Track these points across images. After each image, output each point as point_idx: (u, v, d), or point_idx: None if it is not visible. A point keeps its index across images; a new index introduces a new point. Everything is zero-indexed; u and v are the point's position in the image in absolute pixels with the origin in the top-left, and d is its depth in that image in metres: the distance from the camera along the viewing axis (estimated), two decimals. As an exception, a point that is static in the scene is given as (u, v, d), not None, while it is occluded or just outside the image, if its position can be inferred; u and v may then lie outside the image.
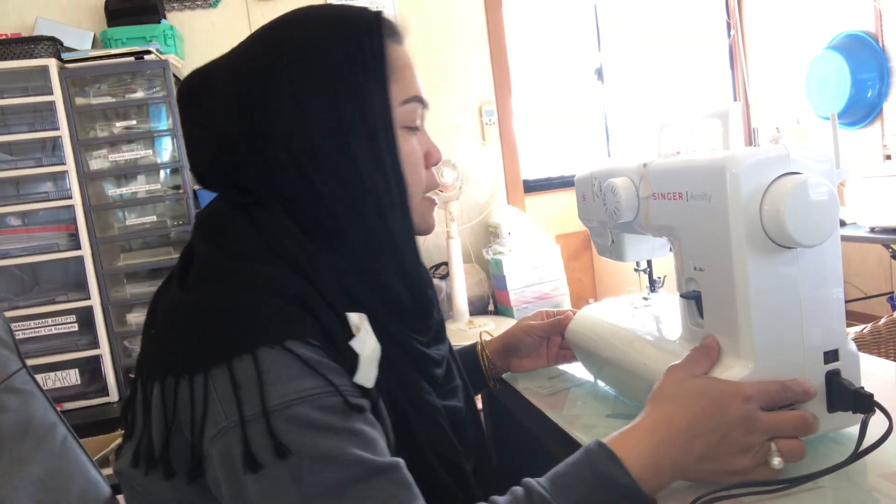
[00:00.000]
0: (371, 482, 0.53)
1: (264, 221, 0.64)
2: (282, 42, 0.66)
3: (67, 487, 0.80)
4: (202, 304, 0.59)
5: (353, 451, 0.53)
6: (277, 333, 0.55)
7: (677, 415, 0.60)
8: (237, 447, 0.52)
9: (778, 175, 0.62)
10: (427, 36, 3.02)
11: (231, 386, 0.53)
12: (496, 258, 2.73)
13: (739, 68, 3.59)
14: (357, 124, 0.64)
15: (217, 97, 0.67)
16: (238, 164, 0.66)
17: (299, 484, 0.51)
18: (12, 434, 0.76)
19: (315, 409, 0.54)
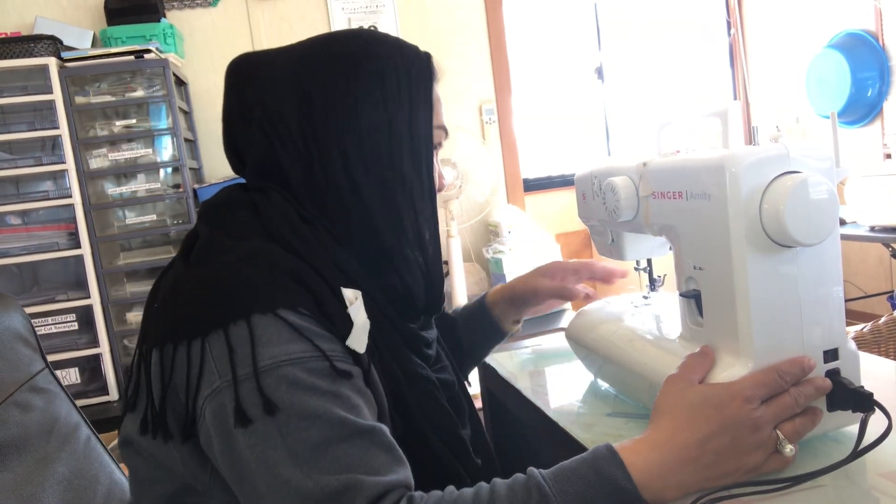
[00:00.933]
0: (353, 441, 0.56)
1: (263, 207, 0.69)
2: (348, 45, 0.73)
3: (93, 488, 0.81)
4: (201, 276, 0.63)
5: (337, 411, 0.56)
6: (270, 302, 0.59)
7: (683, 427, 0.60)
8: (229, 404, 0.56)
9: (778, 174, 0.62)
10: (427, 36, 3.02)
11: (226, 349, 0.57)
12: (496, 257, 2.73)
13: (739, 67, 3.59)
14: (406, 131, 0.72)
15: (274, 77, 0.72)
16: (284, 142, 0.71)
17: (285, 438, 0.55)
18: (37, 433, 0.77)
19: (303, 370, 0.57)
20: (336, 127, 0.70)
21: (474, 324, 1.01)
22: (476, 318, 1.01)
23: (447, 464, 0.70)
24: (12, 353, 0.79)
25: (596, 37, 3.51)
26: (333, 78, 0.71)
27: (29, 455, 0.74)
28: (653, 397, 0.77)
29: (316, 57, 0.72)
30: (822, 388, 0.63)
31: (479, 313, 1.01)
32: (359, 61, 0.71)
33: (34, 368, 0.82)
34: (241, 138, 0.74)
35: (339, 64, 0.71)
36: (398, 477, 0.56)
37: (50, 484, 0.74)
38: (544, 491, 0.55)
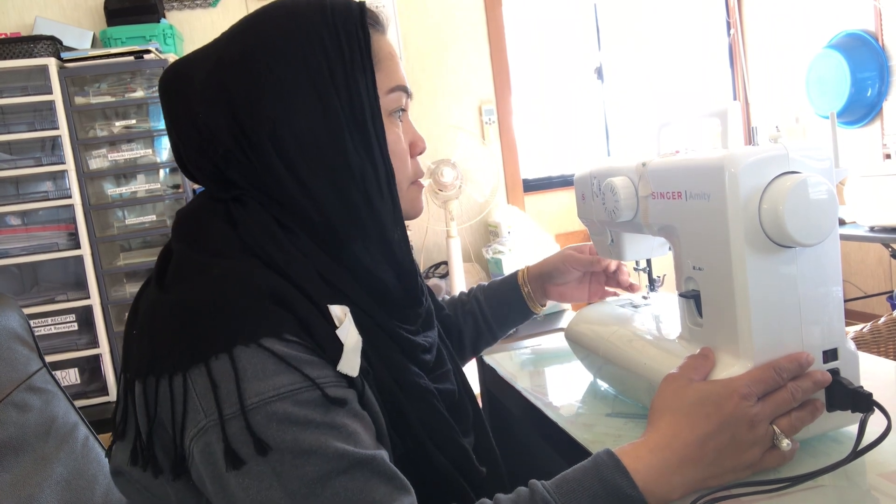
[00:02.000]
0: (353, 474, 0.53)
1: (240, 218, 0.64)
2: (264, 31, 0.66)
3: (91, 488, 0.81)
4: (177, 303, 0.59)
5: (334, 443, 0.54)
6: (252, 331, 0.55)
7: (683, 426, 0.60)
8: (217, 445, 0.53)
9: (777, 174, 0.62)
10: (427, 35, 3.02)
11: (210, 385, 0.54)
12: (496, 257, 2.73)
13: (739, 67, 3.59)
14: (344, 113, 0.64)
15: (200, 88, 0.66)
16: (223, 156, 0.66)
17: (281, 478, 0.52)
18: (35, 433, 0.77)
19: (294, 404, 0.54)
20: (268, 128, 0.64)
21: (504, 297, 1.00)
22: (506, 291, 0.99)
23: (450, 479, 0.68)
24: (9, 352, 0.79)
25: (596, 37, 3.51)
26: (252, 75, 0.64)
27: (27, 455, 0.74)
28: (652, 397, 0.77)
29: (233, 55, 0.66)
30: (821, 382, 0.62)
31: (510, 287, 1.00)
32: (275, 46, 0.64)
33: (31, 368, 0.82)
34: (186, 160, 0.69)
35: (255, 57, 0.64)
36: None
37: (48, 484, 0.74)
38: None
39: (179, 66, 0.69)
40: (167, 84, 0.69)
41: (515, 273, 1.02)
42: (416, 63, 3.01)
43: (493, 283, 1.02)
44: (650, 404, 0.65)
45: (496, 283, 1.01)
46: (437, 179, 2.57)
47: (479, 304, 1.01)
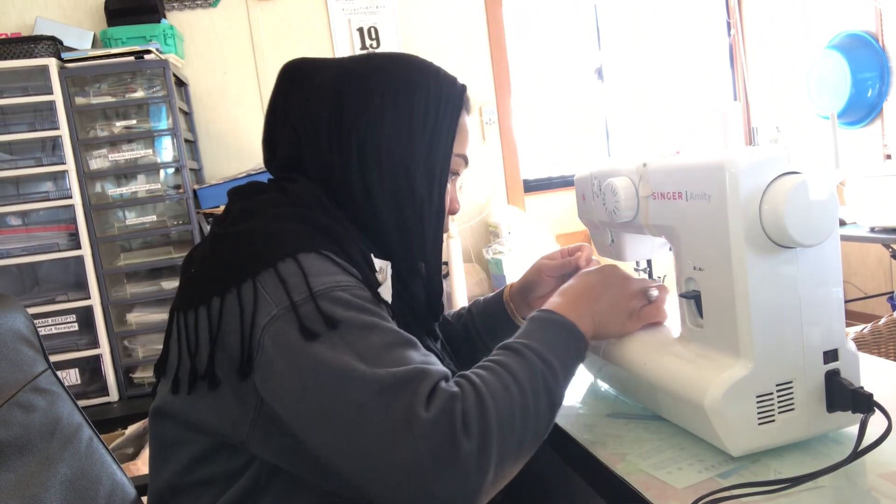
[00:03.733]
0: (406, 346, 0.63)
1: (293, 189, 0.75)
2: (387, 67, 0.80)
3: (95, 489, 0.81)
4: (239, 232, 0.69)
5: (388, 324, 0.64)
6: (313, 243, 0.66)
7: (584, 290, 0.79)
8: (291, 326, 0.61)
9: (777, 175, 0.63)
10: (427, 36, 3.02)
11: (279, 281, 0.63)
12: (496, 258, 2.73)
13: (739, 67, 3.59)
14: (422, 152, 0.78)
15: (318, 84, 0.79)
16: (311, 143, 0.77)
17: (351, 345, 0.60)
18: (40, 434, 0.77)
19: (352, 295, 0.64)
20: (359, 135, 0.76)
21: (493, 313, 1.06)
22: (495, 308, 1.06)
23: None
24: (15, 353, 0.79)
25: (596, 37, 3.51)
26: (367, 90, 0.77)
27: (31, 456, 0.74)
28: (653, 398, 0.77)
29: (358, 70, 0.79)
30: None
31: (497, 304, 1.05)
32: (393, 79, 0.78)
33: (37, 369, 0.82)
34: (277, 133, 0.81)
35: (375, 79, 0.78)
36: (448, 369, 0.63)
37: (52, 484, 0.75)
38: (531, 348, 0.68)
39: (304, 64, 0.82)
40: (293, 69, 0.82)
41: (503, 289, 1.07)
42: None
43: (485, 299, 1.09)
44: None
45: (487, 300, 1.08)
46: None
47: (472, 319, 1.06)
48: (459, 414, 0.57)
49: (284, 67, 0.83)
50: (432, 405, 0.57)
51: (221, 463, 0.69)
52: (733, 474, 0.64)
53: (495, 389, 0.61)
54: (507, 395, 0.61)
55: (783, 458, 0.66)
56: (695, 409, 0.67)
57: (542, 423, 0.64)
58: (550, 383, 0.66)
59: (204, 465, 0.70)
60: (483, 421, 0.58)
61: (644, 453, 0.71)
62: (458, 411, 0.57)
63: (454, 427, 0.56)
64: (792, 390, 0.65)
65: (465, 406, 0.58)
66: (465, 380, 0.62)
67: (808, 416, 0.66)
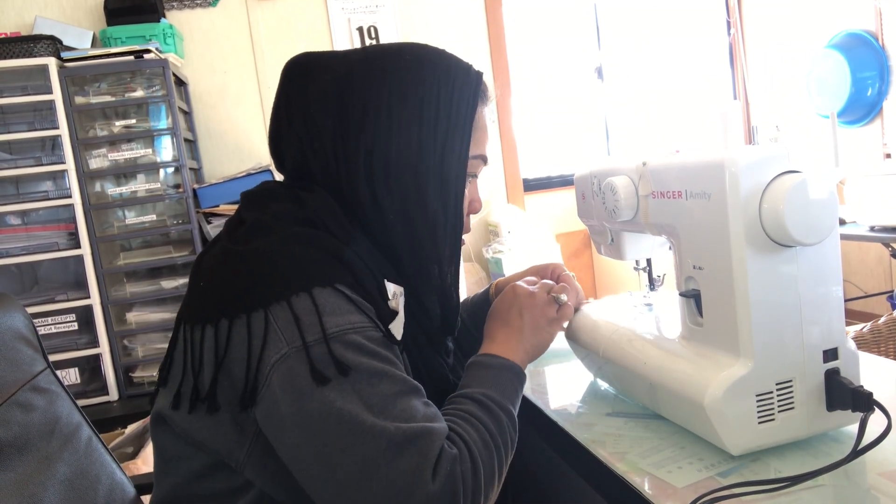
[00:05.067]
0: (413, 396, 0.62)
1: (307, 199, 0.72)
2: (395, 65, 0.73)
3: (94, 488, 0.81)
4: (253, 252, 0.66)
5: (398, 371, 0.63)
6: (328, 277, 0.64)
7: (506, 316, 0.81)
8: (301, 367, 0.59)
9: (777, 173, 0.62)
10: (427, 36, 3.02)
11: (292, 318, 0.61)
12: (496, 257, 2.73)
13: (739, 67, 3.59)
14: (435, 163, 0.73)
15: (322, 88, 0.73)
16: (316, 153, 0.73)
17: (360, 393, 0.59)
18: (39, 433, 0.77)
19: (364, 338, 0.62)
20: (366, 146, 0.71)
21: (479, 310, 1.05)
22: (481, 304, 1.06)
23: None
24: (14, 352, 0.79)
25: (596, 37, 3.51)
26: (371, 94, 0.72)
27: (30, 455, 0.74)
28: (652, 397, 0.77)
29: (361, 70, 0.73)
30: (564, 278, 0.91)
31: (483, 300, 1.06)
32: (401, 81, 0.72)
33: (36, 368, 0.82)
34: (282, 139, 0.76)
35: (381, 83, 0.72)
36: (445, 425, 0.63)
37: (51, 484, 0.75)
38: (491, 398, 0.69)
39: (307, 61, 0.77)
40: (291, 72, 0.77)
41: (488, 287, 1.07)
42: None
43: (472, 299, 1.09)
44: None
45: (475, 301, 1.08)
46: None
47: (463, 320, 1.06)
48: (460, 481, 0.59)
49: (287, 65, 0.78)
50: (438, 474, 0.57)
51: (221, 481, 0.68)
52: (733, 473, 0.64)
53: (481, 449, 0.63)
54: (488, 453, 0.63)
55: (783, 456, 0.66)
56: (695, 407, 0.67)
57: (506, 467, 0.67)
58: (511, 432, 0.69)
59: (204, 481, 0.69)
60: (476, 483, 0.60)
61: (644, 452, 0.71)
62: (459, 479, 0.59)
63: (456, 499, 0.58)
64: (792, 389, 0.65)
65: (464, 471, 0.60)
66: (460, 440, 0.62)
67: (808, 415, 0.66)
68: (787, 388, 0.65)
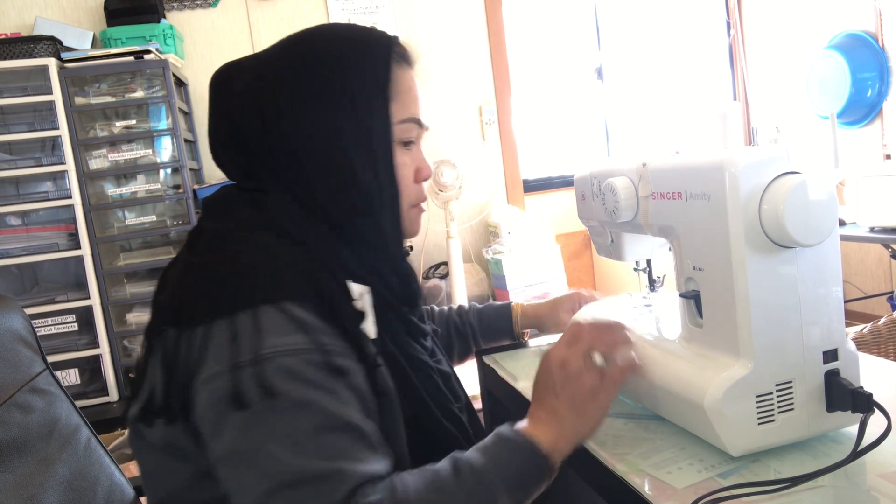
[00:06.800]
0: (340, 434, 0.59)
1: (264, 202, 0.71)
2: (299, 55, 0.73)
3: (93, 489, 0.81)
4: (208, 264, 0.65)
5: (330, 403, 0.59)
6: (276, 294, 0.61)
7: (543, 394, 0.69)
8: (227, 387, 0.58)
9: (777, 174, 0.62)
10: (427, 36, 3.02)
11: (231, 336, 0.59)
12: (496, 258, 2.73)
13: (739, 68, 3.59)
14: (355, 136, 0.71)
15: (240, 95, 0.74)
16: (249, 156, 0.74)
17: (280, 422, 0.57)
18: (38, 434, 0.77)
19: (301, 362, 0.59)
20: (289, 140, 0.71)
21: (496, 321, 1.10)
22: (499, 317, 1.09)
23: (455, 443, 0.73)
24: (13, 354, 0.79)
25: (596, 37, 3.51)
26: (282, 91, 0.72)
27: (30, 456, 0.74)
28: (653, 398, 0.77)
29: (272, 69, 0.74)
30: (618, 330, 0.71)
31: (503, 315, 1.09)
32: (306, 67, 0.72)
33: (35, 370, 0.82)
34: (219, 151, 0.77)
35: (288, 75, 0.72)
36: (381, 467, 0.59)
37: (51, 485, 0.75)
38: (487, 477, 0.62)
39: (230, 69, 0.77)
40: (214, 83, 0.77)
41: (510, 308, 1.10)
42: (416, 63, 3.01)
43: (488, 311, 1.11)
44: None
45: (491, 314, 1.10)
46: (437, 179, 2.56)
47: (472, 331, 1.10)
48: None
49: (211, 81, 0.78)
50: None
51: (209, 490, 0.65)
52: (733, 474, 0.64)
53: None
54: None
55: (783, 457, 0.66)
56: (694, 408, 0.67)
57: None
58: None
59: (192, 491, 0.67)
60: None
61: (644, 453, 0.71)
62: None
63: None
64: (791, 390, 0.65)
65: None
66: (393, 491, 0.58)
67: (808, 416, 0.66)
68: (787, 389, 0.65)
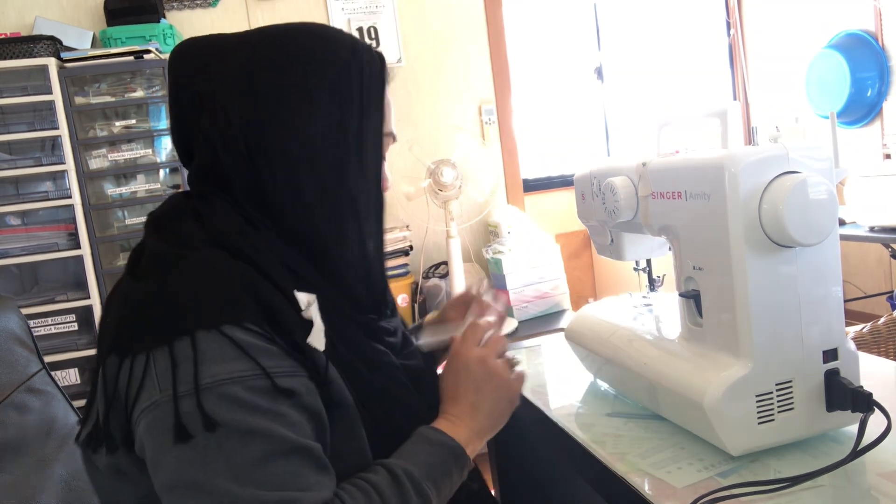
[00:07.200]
0: (290, 458, 0.57)
1: (206, 213, 0.68)
2: (299, 48, 0.70)
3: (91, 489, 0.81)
4: (146, 290, 0.63)
5: (277, 429, 0.58)
6: (214, 318, 0.59)
7: (460, 392, 0.73)
8: (168, 418, 0.56)
9: (777, 174, 0.62)
10: (427, 35, 3.02)
11: (170, 364, 0.57)
12: (496, 257, 2.73)
13: (739, 67, 3.59)
14: (354, 142, 0.71)
15: (219, 78, 0.69)
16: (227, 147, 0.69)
17: (224, 453, 0.56)
18: (35, 434, 0.77)
19: (244, 389, 0.58)
20: (284, 130, 0.68)
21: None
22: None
23: None
24: (9, 354, 0.79)
25: (596, 37, 3.51)
26: (286, 77, 0.68)
27: (27, 457, 0.74)
28: (652, 397, 0.77)
29: (268, 53, 0.69)
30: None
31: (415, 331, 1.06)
32: (313, 60, 0.69)
33: (31, 370, 0.82)
34: (185, 134, 0.72)
35: (293, 62, 0.69)
36: (327, 493, 0.59)
37: (48, 485, 0.74)
38: (412, 477, 0.64)
39: (199, 44, 0.71)
40: (183, 56, 0.71)
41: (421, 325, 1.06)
42: (417, 63, 3.01)
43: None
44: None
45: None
46: (437, 179, 2.56)
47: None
48: None
49: (176, 53, 0.71)
50: None
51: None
52: (733, 473, 0.64)
53: None
54: None
55: (783, 457, 0.66)
56: (694, 408, 0.67)
57: None
58: None
59: None
60: None
61: (644, 452, 0.71)
62: None
63: None
64: (791, 390, 0.65)
65: None
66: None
67: (808, 416, 0.66)
68: (787, 388, 0.65)
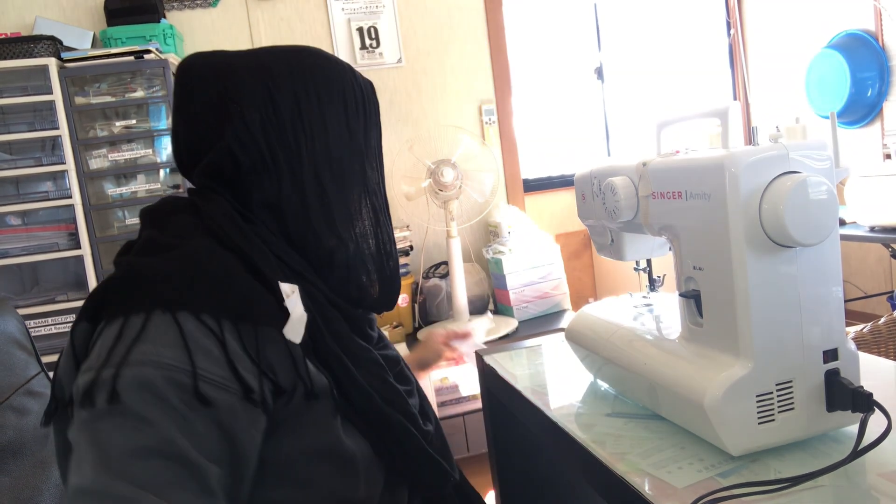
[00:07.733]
0: (171, 465, 0.56)
1: (203, 206, 0.70)
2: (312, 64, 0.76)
3: None
4: (126, 265, 0.65)
5: (168, 430, 0.56)
6: (176, 302, 0.60)
7: None
8: (87, 383, 0.57)
9: (777, 174, 0.62)
10: (427, 36, 3.02)
11: (115, 336, 0.59)
12: (496, 257, 2.73)
13: (739, 67, 3.59)
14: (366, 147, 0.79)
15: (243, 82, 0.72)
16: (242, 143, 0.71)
17: (111, 431, 0.55)
18: (34, 437, 0.77)
19: (162, 378, 0.57)
20: (306, 140, 0.73)
21: None
22: None
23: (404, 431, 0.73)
24: (7, 356, 0.79)
25: (596, 37, 3.51)
26: (302, 88, 0.74)
27: (26, 459, 0.74)
28: (653, 397, 0.77)
29: (281, 66, 0.74)
30: None
31: None
32: (322, 75, 0.76)
33: (30, 372, 0.82)
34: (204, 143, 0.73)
35: (306, 76, 0.75)
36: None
37: (47, 487, 0.75)
38: None
39: (208, 57, 0.75)
40: (196, 66, 0.74)
41: None
42: (417, 63, 3.01)
43: None
44: None
45: None
46: (437, 179, 2.56)
47: None
48: None
49: (189, 63, 0.75)
50: None
51: None
52: (733, 474, 0.64)
53: None
54: None
55: (783, 457, 0.66)
56: (694, 408, 0.67)
57: None
58: None
59: None
60: None
61: (644, 452, 0.71)
62: None
63: None
64: (792, 390, 0.65)
65: None
66: None
67: (808, 416, 0.66)
68: (787, 388, 0.65)
